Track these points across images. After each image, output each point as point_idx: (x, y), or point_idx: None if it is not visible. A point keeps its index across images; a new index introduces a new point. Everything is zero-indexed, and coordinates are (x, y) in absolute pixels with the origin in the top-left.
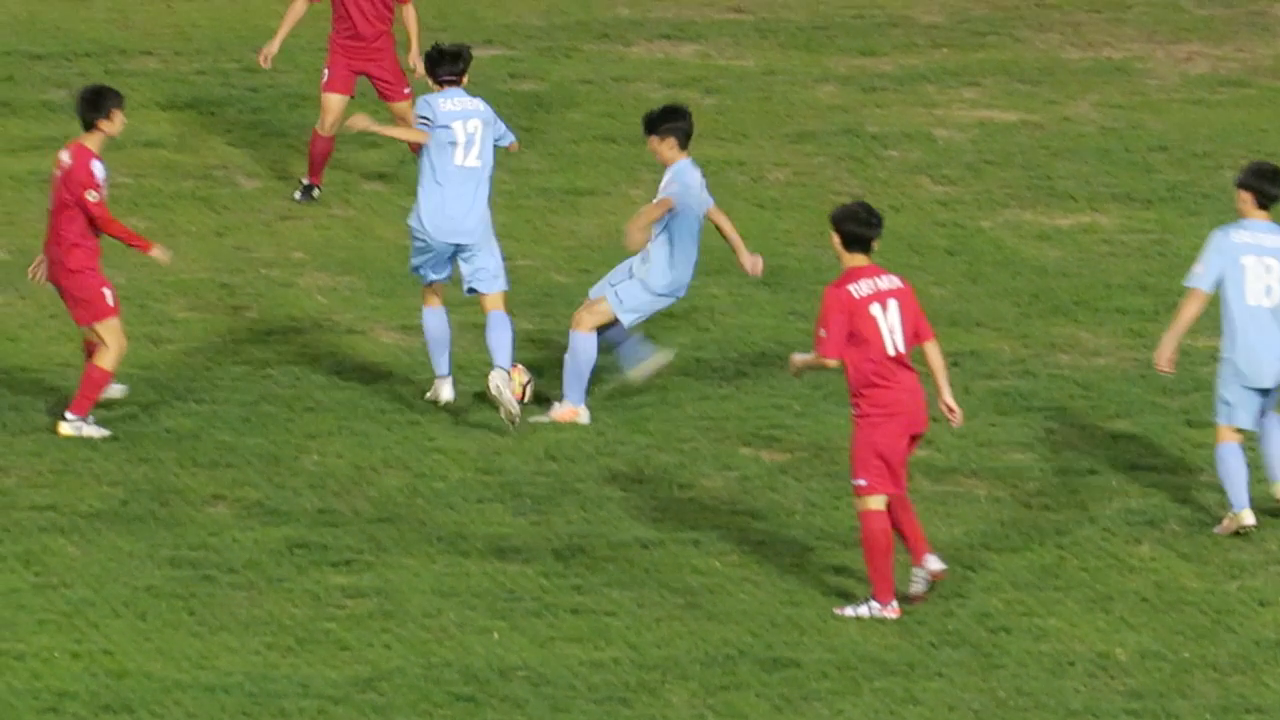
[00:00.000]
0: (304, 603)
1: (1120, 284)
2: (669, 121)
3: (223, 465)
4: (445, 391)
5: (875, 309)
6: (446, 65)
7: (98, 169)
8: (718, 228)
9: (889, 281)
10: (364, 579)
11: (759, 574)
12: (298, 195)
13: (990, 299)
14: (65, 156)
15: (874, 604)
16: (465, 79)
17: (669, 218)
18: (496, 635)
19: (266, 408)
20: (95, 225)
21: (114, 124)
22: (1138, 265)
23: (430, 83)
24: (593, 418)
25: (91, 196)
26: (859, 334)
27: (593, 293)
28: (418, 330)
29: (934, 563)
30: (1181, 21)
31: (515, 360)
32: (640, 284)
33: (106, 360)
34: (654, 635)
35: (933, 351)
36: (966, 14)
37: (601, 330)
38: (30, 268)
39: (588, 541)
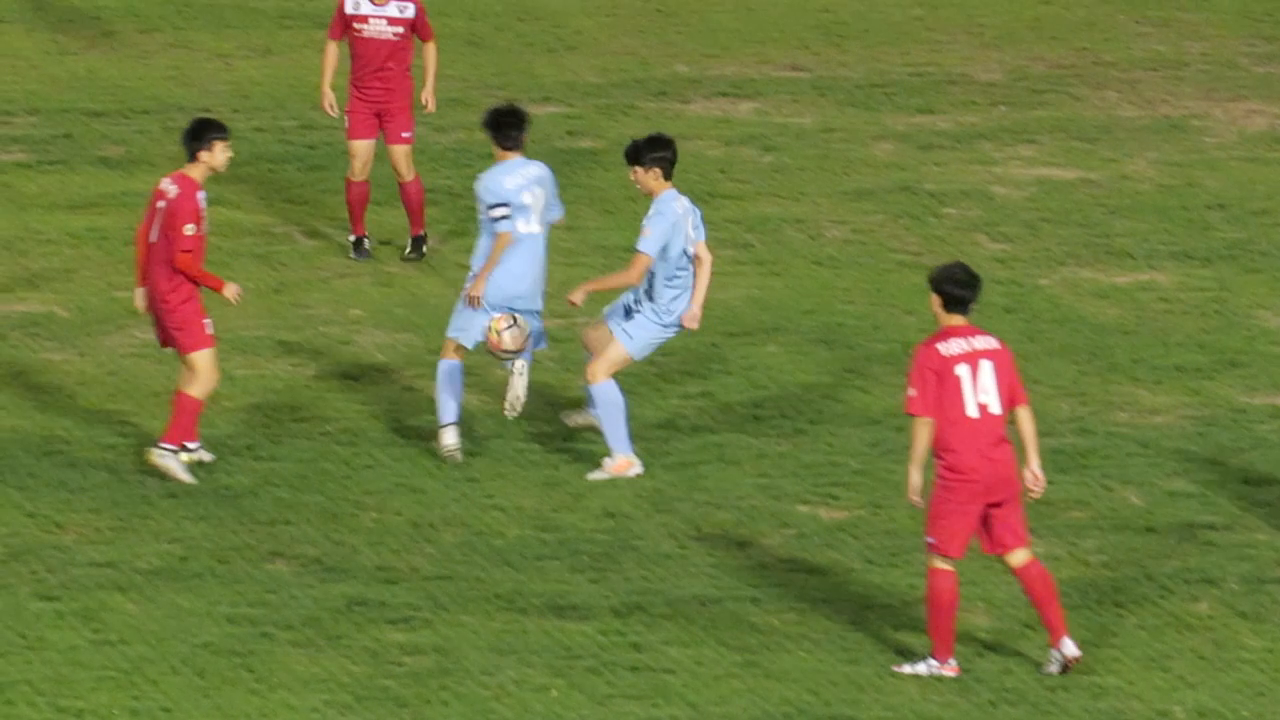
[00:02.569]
0: (362, 660)
1: (1178, 342)
2: (654, 151)
3: (281, 522)
4: (449, 438)
5: (962, 369)
6: (515, 132)
7: (202, 200)
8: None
9: (985, 342)
10: (422, 636)
11: (817, 632)
12: (352, 255)
13: (1048, 357)
14: (170, 187)
15: (932, 662)
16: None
17: (639, 239)
18: (555, 693)
19: (325, 465)
20: (177, 263)
21: (214, 155)
22: (1195, 323)
23: (494, 146)
24: (651, 474)
25: (188, 230)
26: (943, 394)
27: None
28: (475, 388)
29: (1070, 647)
30: (1239, 79)
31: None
32: (649, 319)
33: (196, 389)
34: (712, 693)
35: (1024, 417)
36: (1024, 72)
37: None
38: (137, 300)
39: (646, 599)
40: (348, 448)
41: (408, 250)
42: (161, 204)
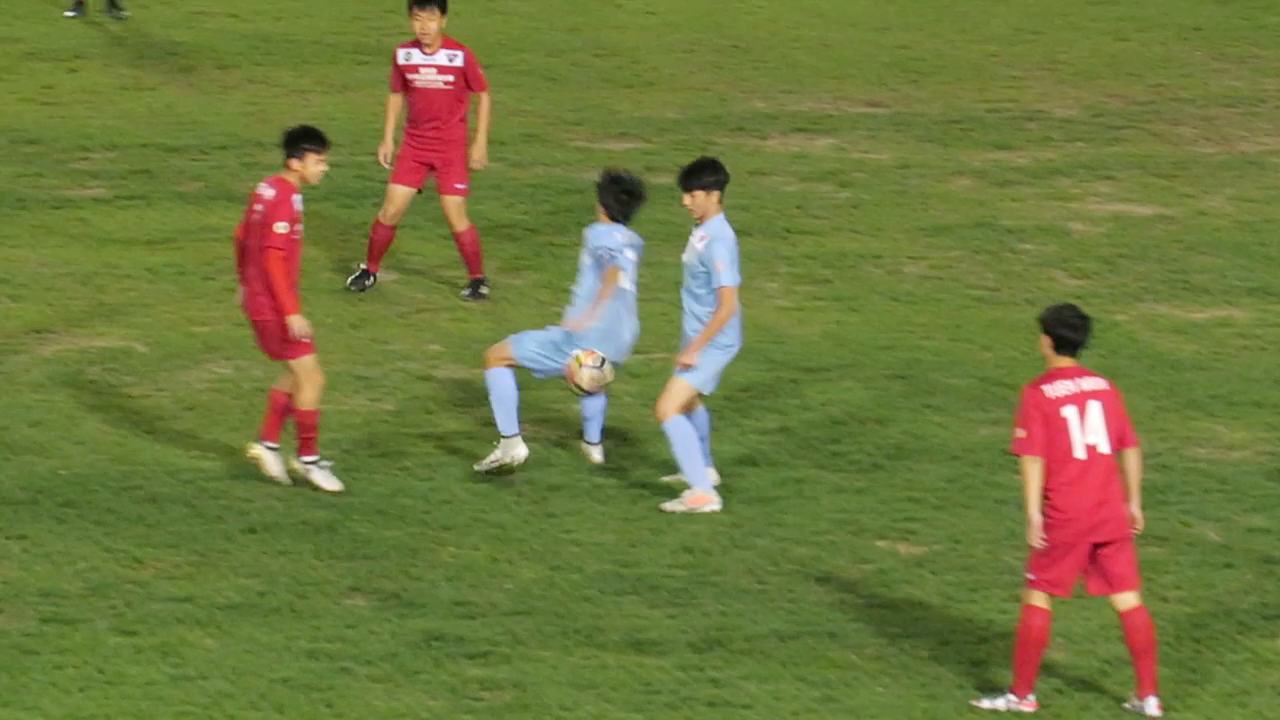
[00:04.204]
0: (441, 695)
1: (1256, 378)
2: (716, 174)
3: (360, 557)
4: (520, 450)
5: (1069, 411)
6: (632, 209)
7: (297, 202)
8: None
9: (1093, 383)
10: (501, 671)
11: (896, 667)
12: (349, 281)
13: (1126, 393)
14: (266, 190)
15: (1011, 697)
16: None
17: (713, 275)
18: None
19: (403, 500)
20: (264, 259)
21: (306, 165)
22: (1273, 359)
23: (602, 210)
24: (729, 509)
25: (280, 228)
26: (1049, 435)
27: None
28: (555, 423)
29: (1152, 707)
30: None
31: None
32: (705, 345)
33: (304, 400)
34: None
35: (1131, 459)
36: (1101, 108)
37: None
38: (238, 298)
39: (724, 634)
40: (426, 483)
41: (466, 292)
42: (259, 207)
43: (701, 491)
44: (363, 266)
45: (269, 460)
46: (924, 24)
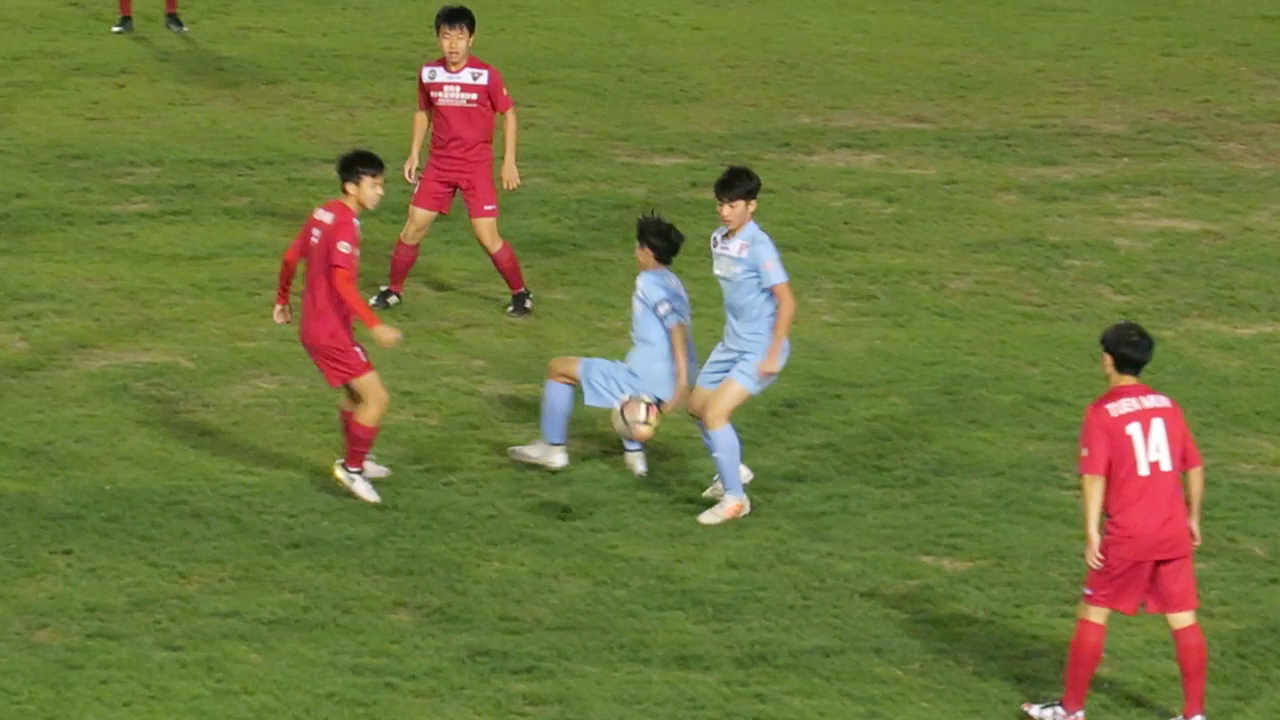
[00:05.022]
0: (486, 710)
1: None
2: (751, 182)
3: (404, 572)
4: (559, 458)
5: (1133, 429)
6: (669, 250)
7: (357, 226)
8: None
9: (1155, 400)
10: (546, 686)
11: (940, 683)
12: (374, 298)
13: None
14: (325, 215)
15: (1060, 710)
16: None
17: (764, 276)
18: None
19: (448, 515)
20: (333, 280)
21: (362, 190)
22: None
23: (650, 253)
24: (774, 525)
25: (343, 247)
26: (1113, 453)
27: (701, 381)
28: (599, 439)
29: None
30: None
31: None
32: (764, 353)
33: (367, 417)
34: None
35: (1195, 478)
36: (1147, 124)
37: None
38: (276, 316)
39: (769, 650)
40: (471, 498)
41: (511, 308)
42: (316, 232)
43: (737, 501)
44: (384, 288)
45: (379, 473)
46: (970, 39)
